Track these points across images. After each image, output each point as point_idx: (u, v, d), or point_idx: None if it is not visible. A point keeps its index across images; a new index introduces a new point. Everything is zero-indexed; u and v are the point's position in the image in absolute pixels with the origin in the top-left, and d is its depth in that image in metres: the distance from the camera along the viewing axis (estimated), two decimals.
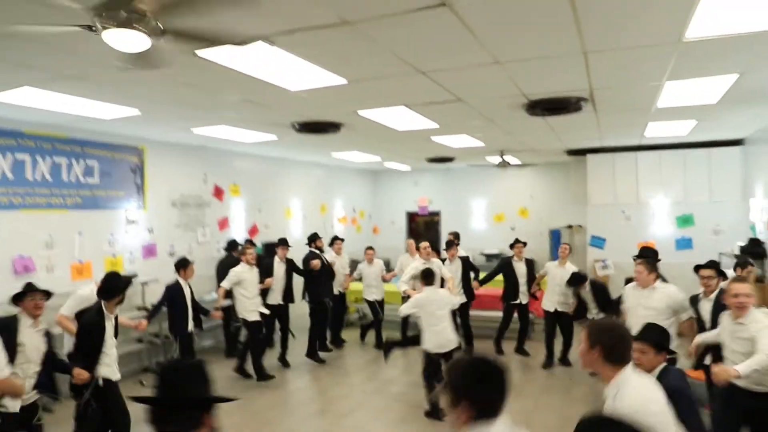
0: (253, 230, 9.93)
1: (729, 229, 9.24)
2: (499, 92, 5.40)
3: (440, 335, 5.74)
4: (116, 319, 4.57)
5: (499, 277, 8.12)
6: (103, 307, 4.40)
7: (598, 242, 10.07)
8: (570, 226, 12.15)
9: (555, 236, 12.16)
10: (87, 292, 5.26)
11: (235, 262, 7.41)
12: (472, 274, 8.09)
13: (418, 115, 6.42)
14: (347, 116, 6.45)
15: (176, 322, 6.48)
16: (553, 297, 7.51)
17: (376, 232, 14.22)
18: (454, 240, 8.35)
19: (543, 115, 6.26)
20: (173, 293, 6.49)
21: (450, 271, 7.72)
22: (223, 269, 7.65)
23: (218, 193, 9.18)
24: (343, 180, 13.30)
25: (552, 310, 7.53)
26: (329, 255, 8.64)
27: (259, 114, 6.21)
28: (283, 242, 7.94)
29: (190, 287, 6.61)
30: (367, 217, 14.47)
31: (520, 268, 8.07)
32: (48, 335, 4.18)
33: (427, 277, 5.94)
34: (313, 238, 8.34)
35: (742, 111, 6.71)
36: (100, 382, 4.31)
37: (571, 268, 7.48)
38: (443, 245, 8.87)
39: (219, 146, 8.93)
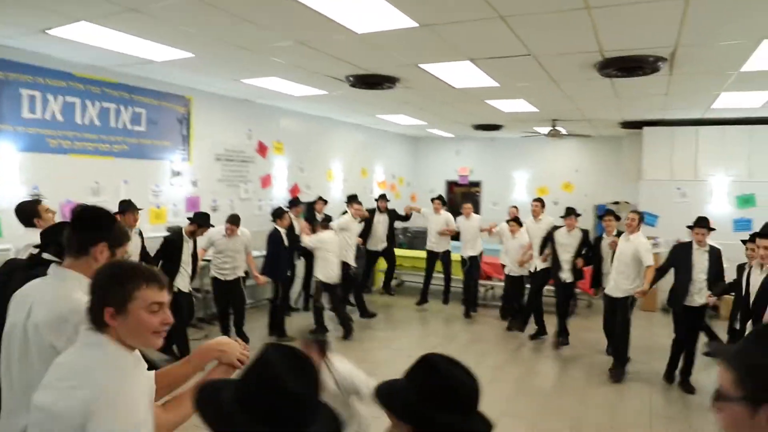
0: (294, 189, 9.75)
1: None
2: (576, 46, 5.03)
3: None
4: (194, 243, 6.32)
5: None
6: (183, 233, 6.15)
7: (650, 219, 9.62)
8: (617, 202, 11.70)
9: (600, 212, 11.72)
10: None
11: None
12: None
13: (480, 72, 6.08)
14: (406, 69, 6.13)
15: (278, 267, 7.09)
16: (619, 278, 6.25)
17: (414, 200, 13.93)
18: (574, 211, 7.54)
19: (614, 76, 5.87)
20: (276, 240, 7.09)
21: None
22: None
23: (262, 149, 8.99)
24: (384, 145, 13.02)
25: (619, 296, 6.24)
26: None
27: (315, 62, 5.93)
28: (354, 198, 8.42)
29: (286, 235, 7.19)
30: (406, 184, 14.20)
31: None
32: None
33: None
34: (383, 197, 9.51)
35: None
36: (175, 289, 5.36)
37: (640, 240, 6.36)
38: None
39: (265, 101, 8.71)
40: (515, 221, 8.27)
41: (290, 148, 9.65)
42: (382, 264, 9.69)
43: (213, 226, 6.51)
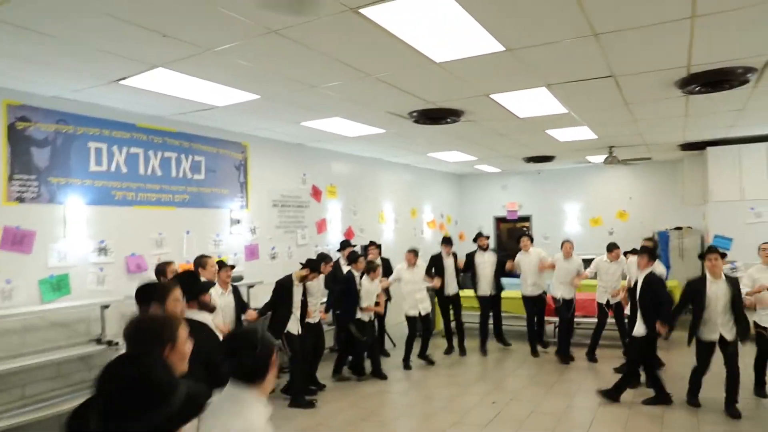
0: (349, 233, 9.53)
1: None
2: (663, 62, 4.78)
3: None
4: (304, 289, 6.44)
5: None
6: (293, 279, 6.26)
7: (723, 243, 9.13)
8: (679, 228, 11.21)
9: (663, 239, 11.23)
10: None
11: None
12: None
13: (553, 98, 5.86)
14: (475, 101, 5.94)
15: (348, 309, 7.08)
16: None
17: (462, 239, 13.60)
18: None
19: (697, 93, 5.59)
20: (350, 283, 7.11)
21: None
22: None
23: (316, 193, 8.84)
24: (431, 184, 12.81)
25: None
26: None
27: (381, 98, 5.77)
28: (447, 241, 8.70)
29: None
30: (454, 222, 13.91)
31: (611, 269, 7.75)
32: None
33: None
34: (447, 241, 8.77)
35: None
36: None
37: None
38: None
39: (318, 144, 8.61)
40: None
41: (343, 191, 9.49)
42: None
43: (321, 272, 6.64)
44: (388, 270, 8.28)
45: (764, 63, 4.93)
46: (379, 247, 8.59)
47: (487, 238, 8.88)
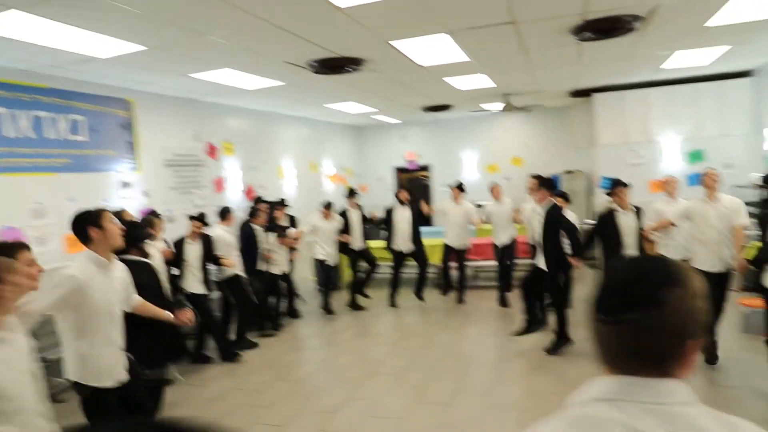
0: (249, 191, 9.17)
1: (740, 162, 9.08)
2: (560, 9, 4.85)
3: None
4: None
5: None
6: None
7: (608, 183, 9.75)
8: (570, 171, 11.85)
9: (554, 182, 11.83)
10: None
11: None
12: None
13: (456, 46, 5.81)
14: (376, 48, 5.77)
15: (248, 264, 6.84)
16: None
17: (364, 190, 13.58)
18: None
19: (589, 39, 5.76)
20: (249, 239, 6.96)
21: None
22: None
23: (212, 151, 8.37)
24: (329, 137, 12.59)
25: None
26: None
27: (278, 47, 5.46)
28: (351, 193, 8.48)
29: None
30: (355, 175, 13.82)
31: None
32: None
33: None
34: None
35: None
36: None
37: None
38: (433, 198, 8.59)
39: (210, 100, 8.10)
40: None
41: (240, 147, 9.07)
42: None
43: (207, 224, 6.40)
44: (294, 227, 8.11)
45: (647, 11, 5.15)
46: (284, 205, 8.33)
47: (408, 191, 8.59)
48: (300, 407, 4.87)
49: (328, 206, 8.02)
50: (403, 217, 8.23)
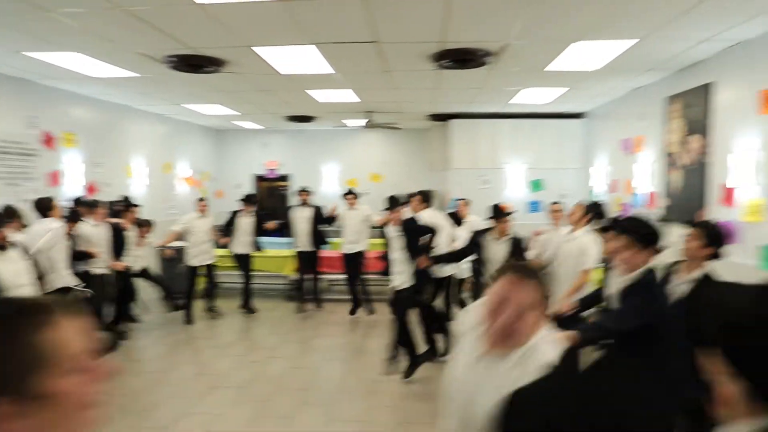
0: (91, 188, 8.43)
1: (572, 193, 10.10)
2: (421, 35, 5.09)
3: None
4: None
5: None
6: None
7: (455, 204, 10.34)
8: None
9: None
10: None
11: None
12: None
13: (322, 58, 5.84)
14: (238, 52, 5.62)
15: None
16: None
17: (220, 196, 13.11)
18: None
19: (447, 67, 6.11)
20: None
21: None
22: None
23: (49, 140, 7.57)
24: (187, 137, 11.98)
25: None
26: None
27: (133, 37, 5.11)
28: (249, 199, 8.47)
29: None
30: (211, 179, 13.28)
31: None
32: None
33: None
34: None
35: (614, 81, 7.24)
36: None
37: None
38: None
39: (49, 83, 7.35)
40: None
41: (84, 139, 8.30)
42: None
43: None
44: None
45: (499, 47, 5.58)
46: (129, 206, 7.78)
47: (308, 193, 8.59)
48: (130, 425, 4.52)
49: (201, 200, 8.10)
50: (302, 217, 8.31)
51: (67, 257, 5.68)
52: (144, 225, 7.65)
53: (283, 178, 13.90)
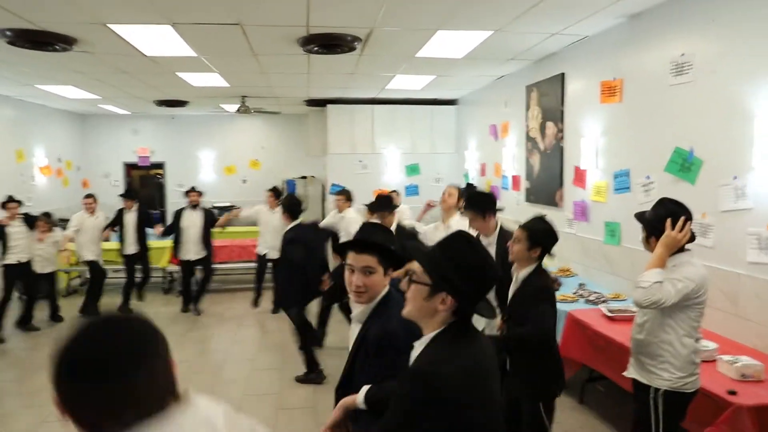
0: None
1: (446, 177, 10.49)
2: (286, 19, 5.01)
3: None
4: None
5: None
6: None
7: (338, 189, 10.39)
8: (304, 177, 12.32)
9: (290, 187, 12.20)
10: None
11: None
12: None
13: (180, 39, 5.58)
14: (91, 28, 5.22)
15: None
16: None
17: (86, 186, 12.21)
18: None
19: (315, 53, 6.07)
20: None
21: None
22: None
23: None
24: (44, 122, 11.00)
25: None
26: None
27: None
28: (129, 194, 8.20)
29: None
30: (75, 168, 12.32)
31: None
32: None
33: None
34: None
35: (478, 69, 7.57)
36: None
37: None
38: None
39: None
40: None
41: None
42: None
43: None
44: None
45: (365, 34, 5.63)
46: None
47: (200, 194, 8.13)
48: None
49: (89, 197, 7.87)
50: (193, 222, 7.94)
51: None
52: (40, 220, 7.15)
53: (158, 165, 13.22)
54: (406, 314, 1.74)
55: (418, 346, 1.70)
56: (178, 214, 7.94)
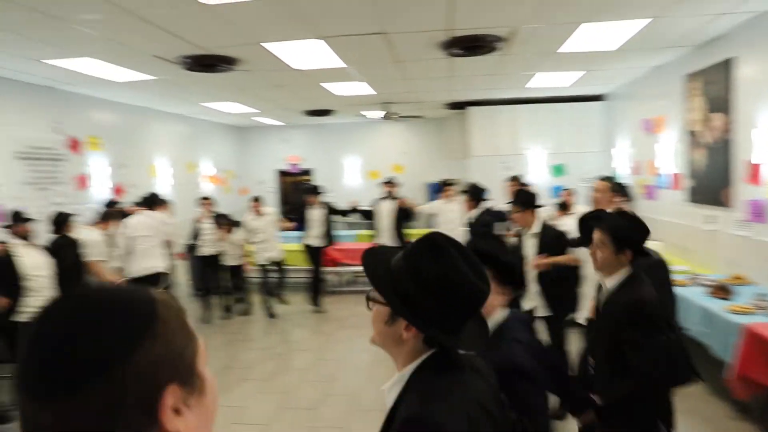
0: (118, 190, 8.65)
1: (594, 177, 9.93)
2: (428, 23, 5.07)
3: None
4: None
5: None
6: None
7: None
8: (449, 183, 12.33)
9: (433, 189, 12.31)
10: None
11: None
12: None
13: (331, 52, 5.88)
14: (247, 49, 5.69)
15: None
16: None
17: (245, 193, 13.30)
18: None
19: (457, 55, 6.08)
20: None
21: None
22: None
23: (74, 145, 7.79)
24: (209, 136, 12.19)
25: None
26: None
27: (142, 39, 5.22)
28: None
29: None
30: (236, 177, 13.49)
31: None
32: None
33: None
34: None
35: (630, 60, 7.09)
36: None
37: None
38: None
39: (72, 89, 7.55)
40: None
41: (109, 143, 8.52)
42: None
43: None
44: None
45: (508, 32, 5.52)
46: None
47: (394, 185, 8.54)
48: None
49: (256, 200, 8.33)
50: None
51: None
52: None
53: (306, 172, 14.03)
54: (372, 342, 1.42)
55: (392, 390, 1.33)
56: (374, 205, 8.37)
